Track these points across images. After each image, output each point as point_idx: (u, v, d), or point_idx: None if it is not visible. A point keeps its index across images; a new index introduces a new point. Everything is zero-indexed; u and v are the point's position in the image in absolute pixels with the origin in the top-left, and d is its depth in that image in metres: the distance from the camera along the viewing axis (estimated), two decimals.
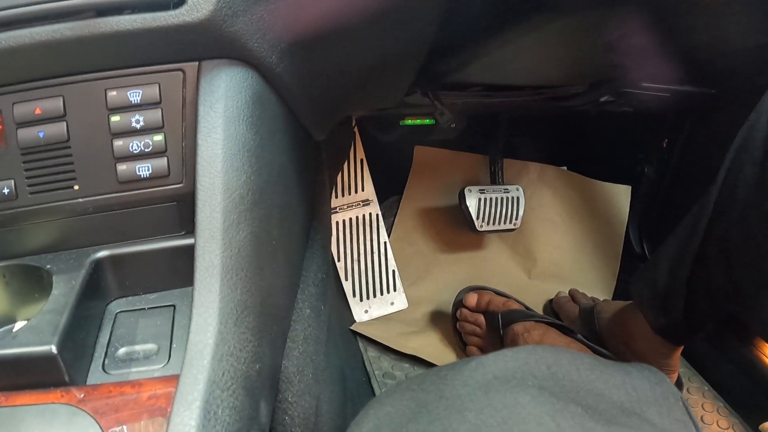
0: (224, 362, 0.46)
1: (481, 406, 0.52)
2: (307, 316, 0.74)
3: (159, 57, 0.53)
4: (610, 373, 0.61)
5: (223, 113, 0.53)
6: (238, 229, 0.52)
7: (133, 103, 0.53)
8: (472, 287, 1.27)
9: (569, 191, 1.56)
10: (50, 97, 0.53)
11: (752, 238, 0.78)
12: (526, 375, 0.57)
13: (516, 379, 0.56)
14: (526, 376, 0.57)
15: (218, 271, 0.50)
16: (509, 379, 0.56)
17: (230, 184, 0.52)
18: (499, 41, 0.79)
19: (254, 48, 0.54)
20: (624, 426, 0.54)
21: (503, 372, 0.57)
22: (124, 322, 0.54)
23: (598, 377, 0.59)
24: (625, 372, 0.62)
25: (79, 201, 0.55)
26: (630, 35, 0.83)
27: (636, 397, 0.59)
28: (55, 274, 0.53)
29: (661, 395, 0.61)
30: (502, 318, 1.12)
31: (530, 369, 0.58)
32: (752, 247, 0.79)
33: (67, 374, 0.46)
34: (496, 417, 0.50)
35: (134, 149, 0.54)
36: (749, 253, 0.80)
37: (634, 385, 0.60)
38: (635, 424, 0.55)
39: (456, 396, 0.55)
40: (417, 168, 1.53)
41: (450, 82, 0.98)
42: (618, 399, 0.58)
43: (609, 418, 0.54)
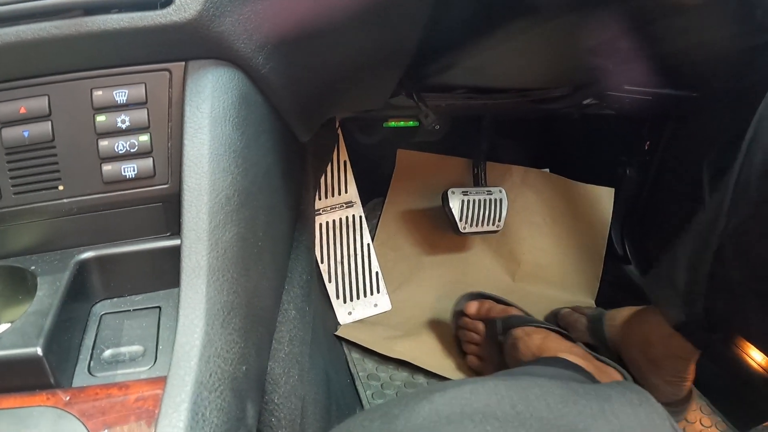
0: (211, 363, 0.46)
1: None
2: (293, 317, 0.74)
3: (145, 57, 0.53)
4: (586, 403, 0.54)
5: (209, 114, 0.53)
6: (224, 230, 0.52)
7: (119, 102, 0.53)
8: (472, 294, 1.26)
9: (552, 194, 1.57)
10: (35, 96, 0.52)
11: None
12: (485, 417, 0.51)
13: (473, 422, 0.50)
14: (485, 419, 0.50)
15: (204, 272, 0.49)
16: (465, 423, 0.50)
17: (217, 185, 0.52)
18: (483, 45, 0.79)
19: (241, 48, 0.54)
20: None
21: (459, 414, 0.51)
22: (110, 323, 0.54)
23: (571, 410, 0.53)
24: (603, 398, 0.55)
25: (64, 201, 0.55)
26: (613, 39, 0.83)
27: (618, 426, 0.53)
28: (39, 276, 0.52)
29: (646, 418, 0.54)
30: (502, 323, 1.11)
31: (491, 410, 0.52)
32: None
33: (52, 377, 0.46)
34: None
35: (120, 149, 0.54)
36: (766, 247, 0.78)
37: (614, 412, 0.54)
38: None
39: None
40: (399, 172, 1.53)
41: (434, 84, 0.99)
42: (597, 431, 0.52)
43: None
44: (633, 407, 0.55)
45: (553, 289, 1.49)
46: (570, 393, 0.55)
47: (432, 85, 0.99)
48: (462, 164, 1.56)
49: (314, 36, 0.59)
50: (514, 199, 1.51)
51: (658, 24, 0.79)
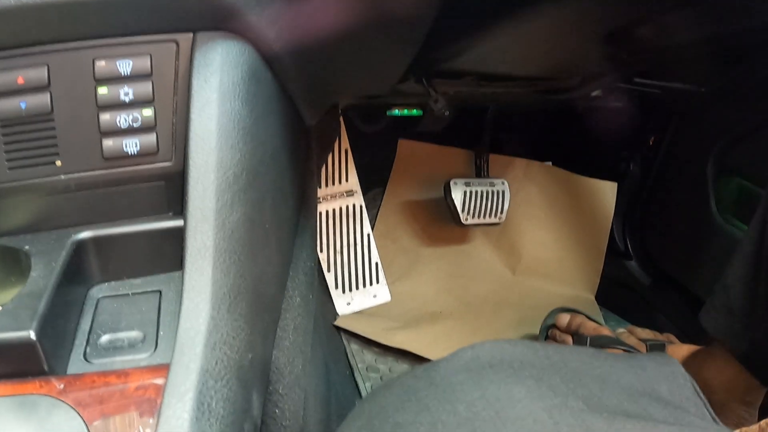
0: (217, 351, 0.44)
1: (473, 398, 0.49)
2: (297, 305, 0.71)
3: (152, 26, 0.50)
4: (615, 359, 0.59)
5: (218, 88, 0.50)
6: (231, 210, 0.49)
7: (122, 74, 0.51)
8: (563, 309, 1.23)
9: (555, 187, 1.55)
10: (34, 65, 0.49)
11: None
12: (523, 365, 0.54)
13: (512, 368, 0.53)
14: (523, 366, 0.54)
15: (211, 254, 0.47)
16: (505, 368, 0.53)
17: (224, 162, 0.49)
18: (496, 30, 0.78)
19: (253, 21, 0.52)
20: (629, 416, 0.51)
21: (499, 361, 0.54)
22: (107, 308, 0.51)
23: (602, 364, 0.57)
24: (631, 357, 0.60)
25: (61, 178, 0.52)
26: (628, 27, 0.81)
27: (645, 377, 0.57)
28: (33, 256, 0.50)
29: (671, 374, 0.59)
30: (590, 342, 1.09)
31: (528, 359, 0.55)
32: None
33: (46, 363, 0.43)
34: (489, 411, 0.48)
35: (122, 124, 0.51)
36: None
37: (642, 366, 0.59)
38: (643, 408, 0.53)
39: (447, 384, 0.52)
40: (400, 162, 1.51)
41: (445, 69, 0.96)
42: (626, 381, 0.56)
43: (614, 409, 0.52)
44: (659, 365, 0.60)
45: (553, 283, 1.48)
46: (601, 352, 0.60)
47: (442, 70, 0.97)
48: (463, 156, 1.54)
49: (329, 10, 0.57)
50: (516, 192, 1.49)
51: (673, 13, 0.78)
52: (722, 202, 1.21)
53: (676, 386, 0.58)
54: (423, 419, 0.49)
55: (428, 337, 1.24)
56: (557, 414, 0.48)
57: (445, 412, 0.48)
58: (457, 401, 0.49)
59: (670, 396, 0.56)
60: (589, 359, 0.57)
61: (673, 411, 0.54)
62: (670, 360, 0.62)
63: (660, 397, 0.55)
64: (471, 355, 0.55)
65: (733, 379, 0.90)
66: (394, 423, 0.50)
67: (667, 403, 0.55)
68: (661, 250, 1.41)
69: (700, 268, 1.25)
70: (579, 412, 0.49)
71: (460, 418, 0.47)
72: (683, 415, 0.54)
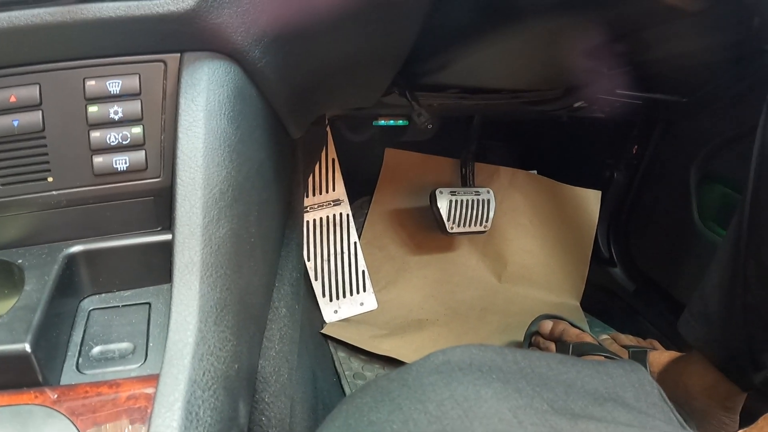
0: (204, 361, 0.45)
1: (443, 398, 0.51)
2: (283, 315, 0.73)
3: (140, 47, 0.52)
4: (583, 365, 0.60)
5: (204, 107, 0.52)
6: (218, 226, 0.51)
7: (111, 93, 0.52)
8: (547, 315, 1.24)
9: (540, 196, 1.57)
10: (26, 84, 0.51)
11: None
12: (491, 368, 0.56)
13: (481, 371, 0.55)
14: (491, 370, 0.56)
15: (198, 268, 0.48)
16: (474, 371, 0.55)
17: (211, 179, 0.51)
18: (478, 46, 0.79)
19: (238, 41, 0.53)
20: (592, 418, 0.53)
21: (468, 364, 0.56)
22: (98, 320, 0.52)
23: (569, 370, 0.59)
24: (599, 364, 0.62)
25: (53, 194, 0.53)
26: (607, 43, 0.83)
27: (611, 383, 0.59)
28: (26, 270, 0.51)
29: (637, 381, 0.60)
30: (573, 349, 1.10)
31: (496, 363, 0.57)
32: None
33: (40, 374, 0.45)
34: (457, 410, 0.49)
35: (112, 141, 0.53)
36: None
37: (608, 373, 0.60)
38: (607, 412, 0.55)
39: (418, 385, 0.54)
40: (387, 171, 1.53)
41: (428, 83, 0.98)
42: (592, 387, 0.58)
43: (578, 411, 0.54)
44: (626, 372, 0.61)
45: (538, 290, 1.49)
46: (569, 358, 0.61)
47: (425, 84, 0.99)
48: (450, 164, 1.55)
49: (311, 30, 0.59)
50: (501, 201, 1.51)
51: (652, 30, 0.79)
52: (705, 209, 1.23)
53: (643, 393, 0.59)
54: (396, 418, 0.50)
55: (414, 344, 1.25)
56: (522, 414, 0.50)
57: (417, 411, 0.50)
58: (428, 401, 0.51)
59: (635, 402, 0.58)
60: (556, 365, 0.59)
61: (638, 415, 0.56)
62: (637, 367, 0.63)
63: (625, 403, 0.57)
64: (442, 359, 0.57)
65: (713, 386, 0.91)
66: (369, 421, 0.51)
67: (631, 408, 0.56)
68: (645, 257, 1.43)
69: (683, 275, 1.27)
70: (543, 413, 0.51)
71: (431, 416, 0.49)
72: (647, 420, 0.56)
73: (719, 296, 0.88)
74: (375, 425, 0.51)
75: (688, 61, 1.02)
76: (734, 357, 0.87)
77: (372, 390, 0.56)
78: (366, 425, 0.51)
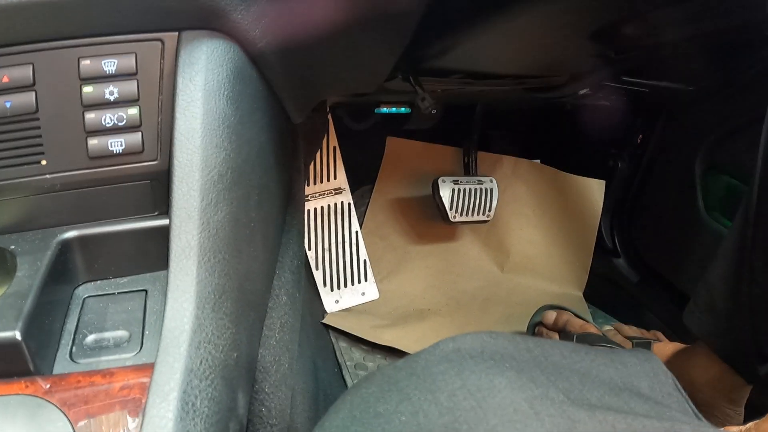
0: (202, 350, 0.44)
1: (454, 388, 0.49)
2: (284, 303, 0.71)
3: (137, 25, 0.50)
4: (596, 354, 0.59)
5: (203, 86, 0.50)
6: (216, 209, 0.49)
7: (107, 73, 0.50)
8: (551, 306, 1.24)
9: (543, 185, 1.56)
10: (19, 64, 0.49)
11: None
12: (504, 357, 0.54)
13: (493, 360, 0.53)
14: (503, 358, 0.54)
15: (195, 253, 0.47)
16: (485, 359, 0.53)
17: (209, 161, 0.49)
18: (483, 27, 0.78)
19: (238, 20, 0.52)
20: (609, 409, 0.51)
21: (479, 352, 0.54)
22: (93, 307, 0.51)
23: (582, 358, 0.57)
24: (612, 352, 0.61)
25: (47, 177, 0.52)
26: (617, 24, 0.81)
27: (626, 372, 0.58)
28: (19, 256, 0.50)
29: (651, 370, 0.59)
30: (576, 340, 1.09)
31: (509, 351, 0.55)
32: None
33: (31, 363, 0.43)
34: (470, 400, 0.48)
35: (107, 123, 0.51)
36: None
37: (622, 362, 0.59)
38: (624, 402, 0.53)
39: (428, 374, 0.52)
40: (388, 160, 1.51)
41: (432, 67, 0.96)
42: (607, 376, 0.56)
43: (595, 402, 0.52)
44: (640, 361, 0.60)
45: (541, 280, 1.48)
46: (582, 347, 0.59)
47: (429, 68, 0.97)
48: (452, 153, 1.54)
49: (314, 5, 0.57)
50: (504, 190, 1.50)
51: (660, 12, 0.78)
52: (710, 199, 1.22)
53: (657, 382, 0.58)
54: (404, 408, 0.49)
55: (416, 334, 1.25)
56: (538, 404, 0.48)
57: (426, 402, 0.48)
58: (438, 391, 0.49)
59: (650, 392, 0.57)
60: (570, 353, 0.57)
61: (654, 406, 0.54)
62: (651, 356, 0.61)
63: (641, 393, 0.56)
64: (452, 347, 0.55)
65: (718, 378, 0.90)
66: (376, 413, 0.50)
67: (647, 399, 0.55)
68: (649, 248, 1.42)
69: (687, 266, 1.26)
70: (560, 403, 0.49)
71: (442, 407, 0.48)
72: (664, 410, 0.55)
73: (725, 287, 0.87)
74: (382, 417, 0.49)
75: (694, 48, 1.01)
76: (739, 349, 0.86)
77: (378, 379, 0.55)
78: (372, 417, 0.50)
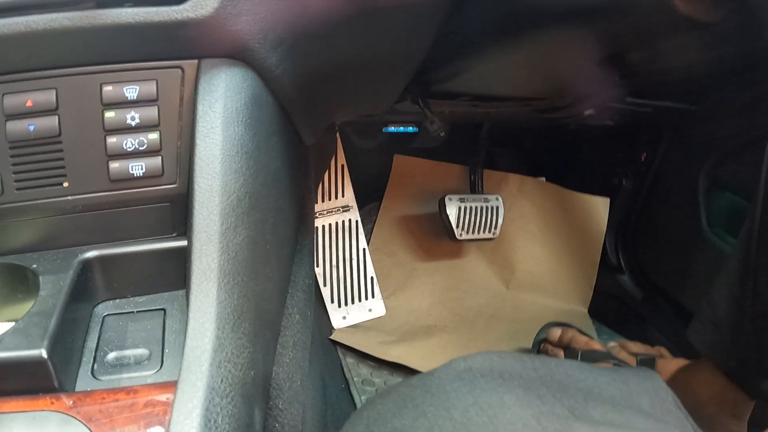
0: (222, 369, 0.45)
1: (467, 404, 0.51)
2: (296, 321, 0.73)
3: (158, 53, 0.52)
4: (599, 372, 0.61)
5: (222, 113, 0.52)
6: (235, 233, 0.51)
7: (129, 99, 0.52)
8: (556, 323, 1.24)
9: (548, 203, 1.57)
10: (43, 89, 0.51)
11: None
12: (512, 375, 0.57)
13: (502, 378, 0.56)
14: (512, 376, 0.56)
15: (215, 275, 0.48)
16: (495, 377, 0.56)
17: (228, 186, 0.51)
18: (491, 54, 0.79)
19: (255, 48, 0.54)
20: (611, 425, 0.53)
21: (489, 371, 0.57)
22: (113, 325, 0.53)
23: (586, 377, 0.59)
24: (614, 371, 0.62)
25: (69, 199, 0.54)
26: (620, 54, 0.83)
27: (627, 390, 0.59)
28: (41, 275, 0.51)
29: (652, 388, 0.61)
30: (581, 357, 1.09)
31: (516, 370, 0.58)
32: None
33: (56, 380, 0.45)
34: (482, 416, 0.50)
35: (128, 147, 0.53)
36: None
37: (624, 380, 0.61)
38: (626, 419, 0.55)
39: (442, 391, 0.54)
40: (395, 177, 1.53)
41: (440, 90, 0.98)
42: (609, 394, 0.58)
43: (597, 418, 0.54)
44: (641, 379, 0.62)
45: (546, 297, 1.49)
46: (585, 366, 0.62)
47: (437, 91, 0.99)
48: (458, 171, 1.55)
49: (328, 35, 0.59)
50: (510, 208, 1.51)
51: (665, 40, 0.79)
52: (713, 216, 1.22)
53: (658, 400, 0.60)
54: (420, 424, 0.50)
55: (423, 350, 1.25)
56: (545, 420, 0.50)
57: (441, 418, 0.50)
58: (453, 407, 0.51)
59: (651, 409, 0.58)
60: (573, 372, 0.59)
61: (655, 422, 0.56)
62: (652, 374, 0.63)
63: (642, 410, 0.57)
64: (464, 366, 0.57)
65: (721, 393, 0.90)
66: (393, 428, 0.52)
67: (648, 415, 0.56)
68: (653, 265, 1.42)
69: (691, 282, 1.27)
70: (565, 419, 0.51)
71: (456, 423, 0.49)
72: (664, 427, 0.56)
73: (728, 304, 0.87)
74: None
75: (697, 71, 1.02)
76: (743, 365, 0.86)
77: (394, 396, 0.56)
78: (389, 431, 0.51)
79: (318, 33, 0.57)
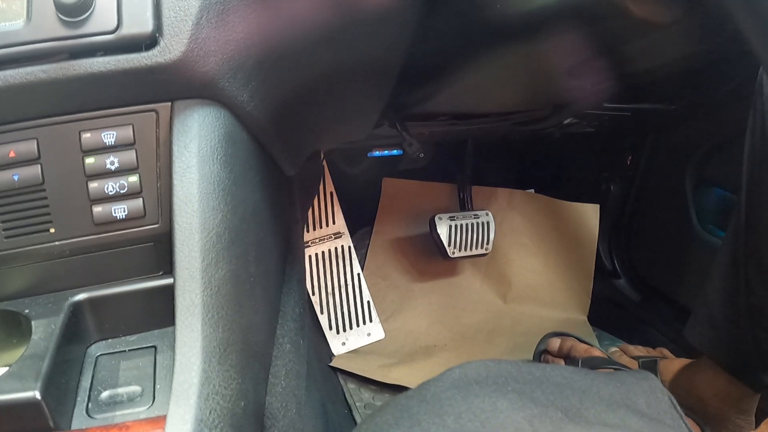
0: (210, 401, 0.46)
1: (460, 411, 0.52)
2: (288, 351, 0.74)
3: (132, 98, 0.53)
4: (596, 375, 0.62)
5: (197, 153, 0.53)
6: (216, 268, 0.52)
7: (107, 144, 0.54)
8: (555, 333, 1.25)
9: (539, 214, 1.58)
10: (24, 139, 0.53)
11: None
12: (507, 380, 0.58)
13: (497, 383, 0.57)
14: (507, 381, 0.57)
15: (199, 311, 0.49)
16: (490, 383, 0.57)
17: (207, 223, 0.52)
18: (462, 71, 0.81)
19: (226, 87, 0.55)
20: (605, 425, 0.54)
21: (484, 377, 0.58)
22: (106, 364, 0.54)
23: (583, 378, 0.61)
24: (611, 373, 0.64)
25: (56, 244, 0.55)
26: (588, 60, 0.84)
27: (624, 390, 0.60)
28: (33, 319, 0.53)
29: (648, 388, 0.62)
30: (582, 364, 1.10)
31: (512, 375, 0.59)
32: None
33: (51, 420, 0.46)
34: (475, 422, 0.51)
35: (110, 191, 0.54)
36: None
37: (621, 381, 0.62)
38: (620, 419, 0.56)
39: (436, 400, 0.55)
40: (386, 201, 1.54)
41: (417, 113, 0.99)
42: (605, 394, 0.59)
43: (591, 419, 0.55)
44: (638, 379, 0.63)
45: (545, 308, 1.49)
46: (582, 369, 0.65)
47: (414, 114, 1.00)
48: (447, 190, 1.57)
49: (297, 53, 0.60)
50: (501, 222, 1.52)
51: (630, 44, 0.81)
52: (703, 213, 1.24)
53: (654, 400, 0.61)
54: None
55: (424, 371, 1.25)
56: (537, 422, 0.51)
57: (434, 425, 0.51)
58: (446, 414, 0.52)
59: (647, 409, 0.59)
60: (571, 375, 0.61)
61: (649, 422, 0.57)
62: (648, 375, 0.64)
63: (637, 410, 0.58)
64: (459, 374, 0.59)
65: (725, 389, 0.91)
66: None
67: (643, 415, 0.57)
68: (648, 266, 1.44)
69: (687, 280, 1.28)
70: (558, 421, 0.52)
71: (449, 429, 0.51)
72: (659, 427, 0.57)
73: (722, 300, 0.88)
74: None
75: (671, 70, 1.04)
76: (743, 359, 0.87)
77: (392, 408, 0.58)
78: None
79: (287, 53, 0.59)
